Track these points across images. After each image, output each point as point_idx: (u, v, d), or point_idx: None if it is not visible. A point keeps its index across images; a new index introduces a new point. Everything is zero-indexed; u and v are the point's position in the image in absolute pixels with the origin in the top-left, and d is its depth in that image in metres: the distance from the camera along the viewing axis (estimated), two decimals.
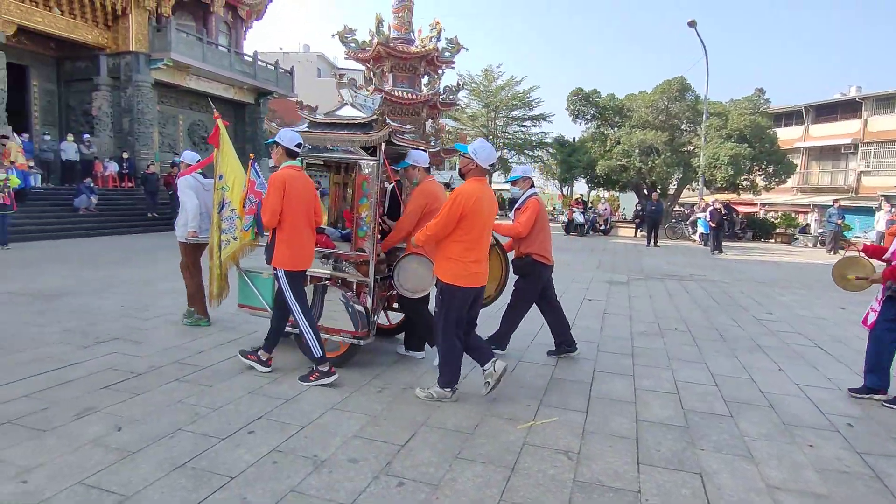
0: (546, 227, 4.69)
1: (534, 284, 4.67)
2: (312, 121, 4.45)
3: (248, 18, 24.15)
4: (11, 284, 7.05)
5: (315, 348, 3.88)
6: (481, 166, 3.67)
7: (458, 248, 3.58)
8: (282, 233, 3.84)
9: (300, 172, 4.00)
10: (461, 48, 33.79)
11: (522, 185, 4.76)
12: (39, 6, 16.14)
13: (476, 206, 3.52)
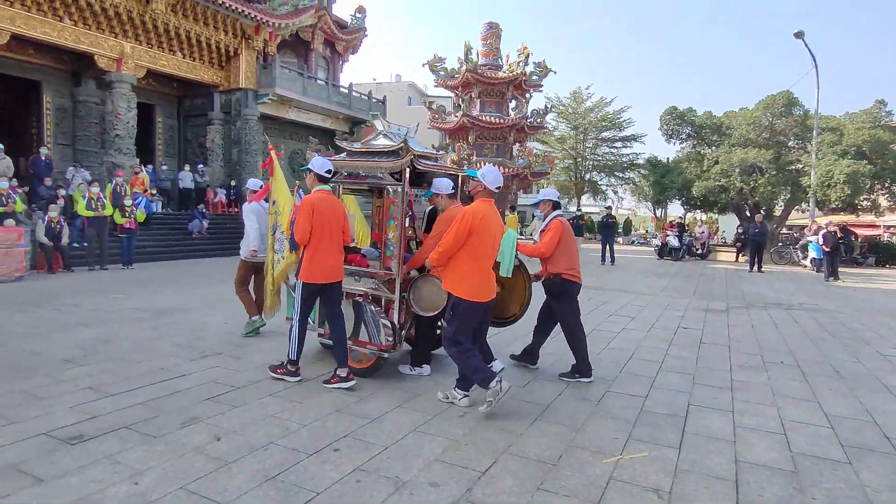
0: (571, 247, 4.80)
1: (569, 302, 4.79)
2: (349, 150, 4.86)
3: (344, 53, 25.56)
4: (134, 301, 7.80)
5: (292, 352, 4.36)
6: (489, 188, 3.96)
7: (468, 265, 3.86)
8: (309, 250, 4.23)
9: (329, 196, 4.37)
10: (549, 71, 33.85)
11: (544, 207, 4.97)
12: (165, 51, 18.01)
13: (483, 224, 3.83)
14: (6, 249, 9.05)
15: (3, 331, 5.80)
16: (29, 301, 7.56)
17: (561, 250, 4.71)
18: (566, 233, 4.74)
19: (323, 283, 4.28)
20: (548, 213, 4.93)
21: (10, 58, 15.48)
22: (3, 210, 9.89)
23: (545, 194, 4.99)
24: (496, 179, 3.97)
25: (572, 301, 4.79)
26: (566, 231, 4.74)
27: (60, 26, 15.17)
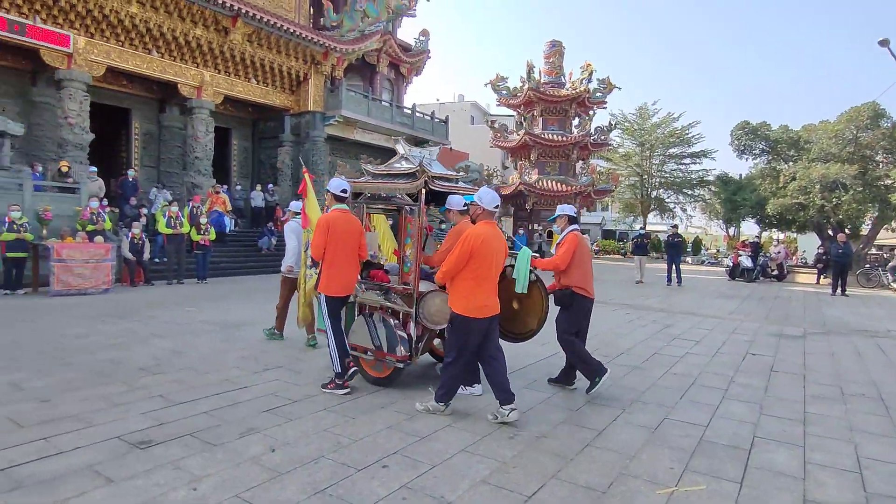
0: (585, 262, 4.89)
1: (575, 315, 4.88)
2: (373, 173, 5.16)
3: (408, 75, 26.21)
4: (205, 314, 8.24)
5: (336, 365, 4.59)
6: (487, 209, 4.14)
7: (468, 284, 4.01)
8: (325, 265, 4.58)
9: (345, 214, 4.69)
10: (613, 87, 33.42)
11: (560, 222, 5.07)
12: (241, 78, 19.11)
13: (483, 246, 3.97)
14: (95, 264, 9.82)
15: (90, 340, 6.28)
16: (113, 312, 8.14)
17: (575, 264, 4.81)
18: (580, 247, 4.85)
19: (342, 296, 4.65)
20: (564, 228, 5.03)
21: (105, 88, 16.89)
22: (94, 228, 10.74)
23: (562, 209, 5.08)
24: (493, 200, 4.14)
25: (576, 315, 4.87)
26: (580, 245, 4.86)
27: (149, 59, 16.43)
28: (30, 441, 3.39)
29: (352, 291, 4.79)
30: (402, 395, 4.59)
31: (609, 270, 21.25)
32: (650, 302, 11.69)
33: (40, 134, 15.39)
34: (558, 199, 31.08)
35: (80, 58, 14.80)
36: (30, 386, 4.47)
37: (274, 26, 17.94)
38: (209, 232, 12.22)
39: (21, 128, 12.29)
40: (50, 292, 9.46)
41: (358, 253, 4.74)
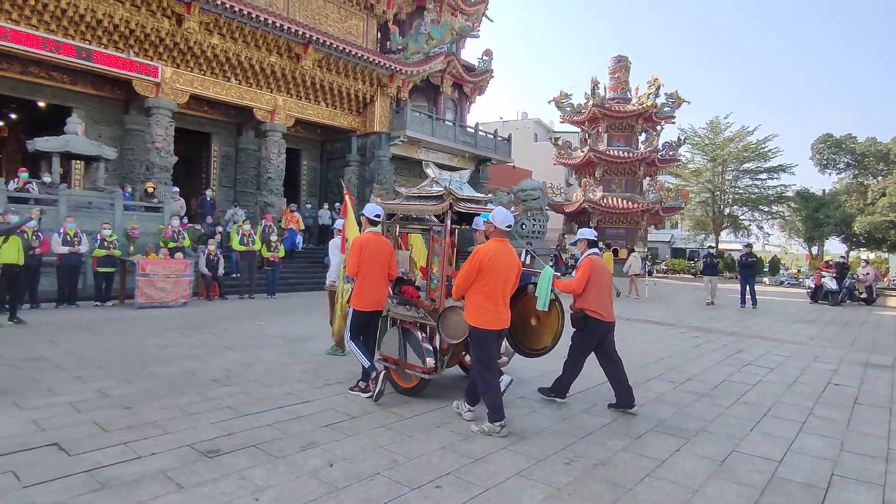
0: (601, 286, 4.98)
1: (587, 338, 4.99)
2: (406, 195, 5.47)
3: (471, 94, 26.52)
4: (273, 329, 8.59)
5: (364, 361, 4.97)
6: (499, 228, 4.35)
7: (480, 297, 4.24)
8: (358, 282, 4.98)
9: (377, 236, 5.13)
10: (682, 102, 32.45)
11: (580, 245, 5.24)
12: (311, 101, 19.99)
13: (492, 262, 4.20)
14: (175, 279, 10.49)
15: (169, 351, 6.69)
16: (190, 325, 8.64)
17: (590, 287, 4.93)
18: (596, 271, 4.96)
19: (370, 310, 5.02)
20: (583, 251, 5.18)
21: (188, 114, 18.13)
22: (174, 245, 11.48)
23: (581, 234, 5.24)
24: (505, 219, 4.35)
25: (590, 337, 4.98)
26: (596, 269, 4.97)
27: (228, 86, 17.51)
28: (113, 445, 3.65)
29: (381, 307, 5.14)
30: (456, 416, 4.61)
31: (677, 291, 20.46)
32: (721, 325, 11.14)
33: (131, 157, 16.68)
34: (625, 216, 30.37)
35: (166, 87, 15.98)
36: (115, 393, 4.82)
37: (343, 52, 18.68)
38: (278, 249, 12.77)
39: (114, 152, 13.38)
40: (135, 305, 10.17)
41: (388, 272, 5.12)
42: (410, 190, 5.54)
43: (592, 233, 5.24)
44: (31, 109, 17.28)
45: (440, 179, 5.24)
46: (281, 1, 18.52)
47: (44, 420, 4.08)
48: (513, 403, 5.04)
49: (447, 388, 5.41)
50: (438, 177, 5.31)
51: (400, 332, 5.09)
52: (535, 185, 17.31)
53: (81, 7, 13.77)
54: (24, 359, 5.96)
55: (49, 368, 5.60)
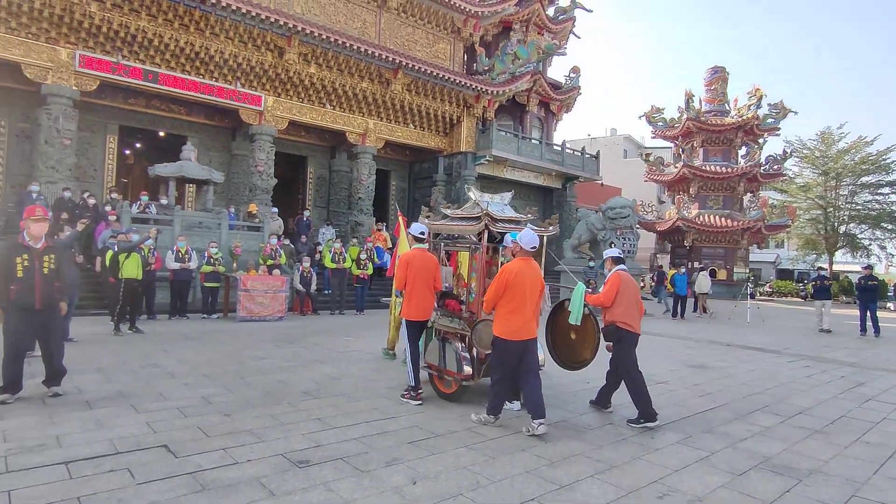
0: (629, 299, 5.24)
1: (624, 349, 5.21)
2: (449, 216, 6.00)
3: (558, 112, 26.28)
4: (361, 344, 8.84)
5: (410, 379, 5.47)
6: (524, 248, 4.71)
7: (506, 311, 4.64)
8: (406, 294, 5.47)
9: (423, 252, 5.57)
10: (788, 112, 30.32)
11: (607, 265, 5.62)
12: (399, 124, 20.65)
13: (517, 279, 4.60)
14: (273, 294, 11.11)
15: (266, 362, 7.07)
16: (285, 338, 9.09)
17: (618, 301, 5.21)
18: (623, 285, 5.25)
19: (419, 320, 5.46)
20: (610, 269, 5.53)
21: (286, 139, 19.31)
22: (272, 262, 12.18)
23: (606, 254, 5.71)
24: (531, 241, 4.72)
25: (625, 348, 5.20)
26: (623, 284, 5.26)
27: (323, 111, 18.52)
28: (214, 450, 3.89)
29: (428, 317, 5.56)
30: (541, 440, 4.49)
31: (784, 315, 18.91)
32: (837, 354, 10.14)
33: (237, 181, 18.00)
34: (723, 235, 28.63)
35: (268, 114, 17.16)
36: (217, 401, 5.15)
37: (430, 75, 19.21)
38: (367, 267, 13.19)
39: (222, 176, 14.49)
40: (236, 318, 10.86)
41: (433, 285, 5.52)
42: (455, 211, 6.08)
43: (617, 252, 5.70)
44: (153, 139, 19.15)
45: (481, 202, 5.56)
46: (372, 29, 19.39)
47: (155, 423, 4.42)
48: (601, 429, 4.85)
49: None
50: (479, 199, 5.64)
51: (441, 341, 5.57)
52: (624, 202, 16.74)
53: (197, 45, 15.15)
54: (141, 365, 6.52)
55: (162, 375, 6.08)
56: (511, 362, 4.68)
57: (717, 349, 10.16)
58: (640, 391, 5.07)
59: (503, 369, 4.72)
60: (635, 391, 5.09)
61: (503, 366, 4.70)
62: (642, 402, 5.03)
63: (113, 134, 16.49)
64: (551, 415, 4.94)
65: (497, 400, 4.79)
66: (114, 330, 8.66)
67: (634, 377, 5.13)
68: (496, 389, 4.77)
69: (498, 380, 4.75)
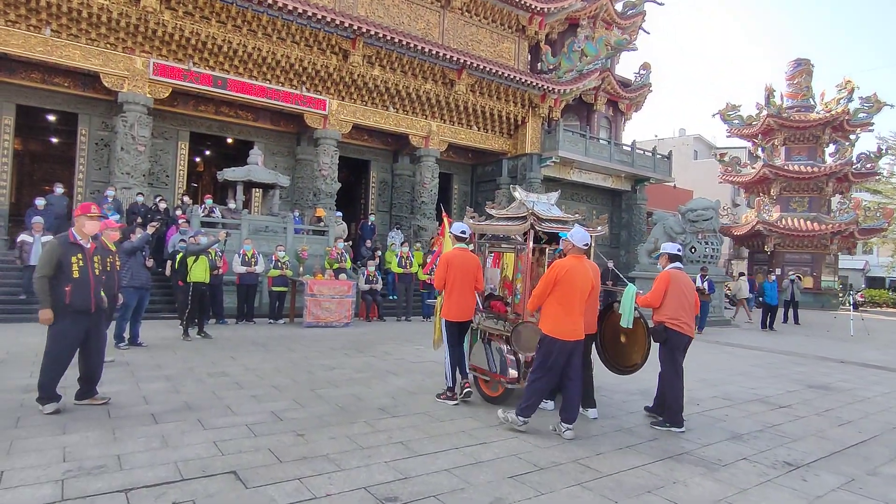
0: (680, 298, 4.95)
1: (669, 350, 4.95)
2: (493, 216, 5.84)
3: (627, 111, 25.08)
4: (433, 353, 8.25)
5: (448, 379, 5.43)
6: (577, 246, 4.58)
7: (555, 308, 4.45)
8: (447, 295, 5.35)
9: (464, 252, 5.43)
10: (882, 106, 27.87)
11: (662, 261, 5.34)
12: (463, 126, 20.12)
13: (568, 275, 4.43)
14: (339, 299, 10.75)
15: (336, 373, 6.60)
16: (354, 346, 8.64)
17: (668, 300, 4.95)
18: (674, 284, 4.97)
19: (458, 321, 5.34)
20: (665, 265, 5.25)
21: (349, 143, 19.14)
22: (338, 266, 11.85)
23: (664, 248, 5.35)
24: (582, 239, 4.57)
25: (671, 350, 4.94)
26: (674, 282, 4.98)
27: (386, 114, 18.21)
28: (288, 479, 3.37)
29: (469, 318, 5.42)
30: (670, 476, 3.74)
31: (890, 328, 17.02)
32: None
33: (301, 185, 17.95)
34: (809, 239, 26.47)
35: (333, 118, 17.00)
36: (288, 417, 4.68)
37: (495, 74, 18.59)
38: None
39: (287, 180, 14.37)
40: (303, 324, 10.56)
41: (474, 286, 5.38)
42: (500, 211, 5.91)
43: (676, 247, 5.33)
44: (221, 145, 19.46)
45: (526, 202, 5.39)
46: (436, 30, 18.98)
47: (223, 442, 3.96)
48: (735, 466, 4.03)
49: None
50: (525, 199, 5.45)
51: (487, 344, 5.47)
52: (706, 204, 15.50)
53: (264, 50, 15.15)
54: (209, 373, 6.18)
55: (229, 385, 5.70)
56: (557, 363, 4.45)
57: (832, 367, 8.96)
58: (675, 398, 4.85)
59: (547, 370, 4.47)
60: (672, 397, 4.85)
61: (548, 366, 4.46)
62: (672, 410, 4.85)
63: (184, 140, 16.76)
64: (649, 433, 4.19)
65: (532, 401, 4.51)
66: (183, 334, 8.47)
67: (674, 383, 4.88)
68: (534, 388, 4.50)
69: (538, 379, 4.49)
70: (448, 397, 5.38)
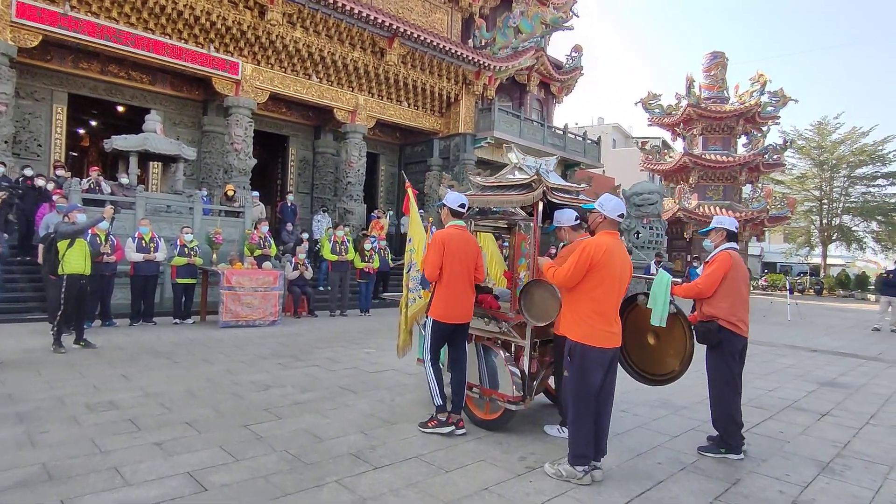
0: (739, 289, 3.89)
1: (723, 357, 3.86)
2: (481, 185, 4.62)
3: (558, 94, 24.49)
4: (388, 357, 6.80)
5: (435, 397, 4.03)
6: (610, 217, 3.41)
7: (588, 305, 3.28)
8: (440, 287, 4.02)
9: (462, 231, 4.14)
10: (788, 100, 29.26)
11: (716, 237, 4.09)
12: (392, 101, 18.50)
13: (606, 258, 3.25)
14: (263, 292, 8.91)
15: (274, 394, 4.97)
16: (288, 352, 6.97)
17: (724, 290, 3.85)
18: (735, 270, 3.85)
19: (454, 323, 4.02)
20: (719, 244, 4.04)
21: (265, 116, 16.98)
22: (261, 252, 9.98)
23: (718, 221, 4.09)
24: (616, 207, 3.42)
25: (725, 356, 3.85)
26: (735, 268, 3.86)
27: (308, 84, 16.21)
28: None
29: (468, 318, 4.12)
30: None
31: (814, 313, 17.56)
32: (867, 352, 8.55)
33: (209, 161, 15.62)
34: None
35: (247, 84, 14.80)
36: (215, 483, 3.05)
37: (430, 45, 17.12)
38: (373, 259, 11.08)
39: (193, 152, 12.14)
40: (219, 323, 8.63)
41: (474, 275, 4.13)
42: (487, 179, 4.73)
43: (734, 222, 4.07)
44: (112, 114, 16.55)
45: (525, 165, 4.35)
46: None
47: None
48: None
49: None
50: (523, 162, 4.43)
51: (479, 351, 4.26)
52: (651, 188, 15.06)
53: None
54: (88, 406, 4.35)
55: (119, 425, 3.94)
56: (597, 382, 3.25)
57: (808, 356, 8.46)
58: (730, 417, 3.82)
59: (587, 395, 3.24)
60: (726, 415, 3.83)
61: (587, 390, 3.24)
62: (728, 431, 3.82)
63: (61, 103, 13.89)
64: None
65: (583, 439, 3.23)
66: (54, 344, 6.39)
67: (726, 397, 3.84)
68: (579, 425, 3.24)
69: (582, 415, 3.24)
70: (439, 423, 4.03)
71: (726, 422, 3.85)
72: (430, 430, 4.01)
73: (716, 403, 3.90)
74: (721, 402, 3.87)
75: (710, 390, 3.96)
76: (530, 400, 4.07)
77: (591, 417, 3.26)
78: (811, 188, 33.12)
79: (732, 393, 3.87)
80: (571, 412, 3.30)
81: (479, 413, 4.28)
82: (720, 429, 3.89)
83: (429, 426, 4.03)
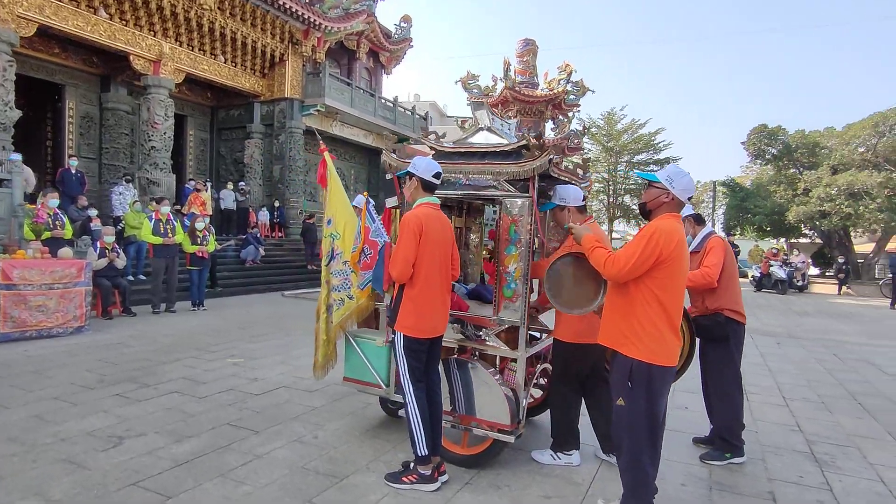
0: (736, 275, 3.68)
1: (734, 351, 3.58)
2: (440, 150, 3.58)
3: (388, 64, 23.61)
4: (262, 369, 5.35)
5: (420, 445, 2.93)
6: (678, 199, 2.58)
7: (654, 310, 2.48)
8: (411, 289, 2.98)
9: (438, 212, 3.10)
10: (587, 91, 32.24)
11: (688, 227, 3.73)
12: (206, 54, 15.77)
13: (678, 252, 2.47)
14: (63, 289, 6.49)
15: (134, 452, 3.36)
16: (113, 373, 5.06)
17: (725, 279, 3.55)
18: (729, 255, 3.62)
19: (430, 337, 3.03)
20: (695, 233, 3.76)
21: (33, 56, 13.15)
22: (50, 234, 7.40)
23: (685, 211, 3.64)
24: (688, 186, 2.56)
25: (730, 349, 3.56)
26: (729, 253, 3.63)
27: (95, 20, 12.87)
28: None
29: (441, 331, 3.11)
30: None
31: None
32: None
33: None
34: None
35: (4, 11, 11.12)
36: None
37: None
38: (207, 241, 9.02)
39: None
40: None
41: (450, 271, 3.13)
42: (455, 144, 3.63)
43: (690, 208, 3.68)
44: None
45: (497, 128, 3.57)
46: None
47: None
48: None
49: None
50: (493, 124, 3.59)
51: (452, 367, 3.28)
52: None
53: None
54: None
55: None
56: (662, 409, 2.57)
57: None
58: (736, 417, 3.54)
59: (655, 427, 2.51)
60: (732, 415, 3.53)
61: (655, 421, 2.51)
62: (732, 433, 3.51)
63: None
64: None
65: (643, 478, 2.52)
66: None
67: (737, 395, 3.55)
68: (642, 466, 2.51)
69: (645, 450, 2.50)
70: (421, 478, 2.95)
71: (732, 422, 3.55)
72: (405, 486, 2.95)
73: (723, 402, 3.58)
74: (729, 401, 3.56)
75: (714, 389, 3.62)
76: (523, 426, 3.27)
77: (658, 451, 2.56)
78: (602, 171, 37.35)
79: (738, 389, 3.59)
80: (632, 450, 2.53)
81: (455, 448, 3.33)
82: (724, 430, 3.55)
83: (404, 481, 2.96)
